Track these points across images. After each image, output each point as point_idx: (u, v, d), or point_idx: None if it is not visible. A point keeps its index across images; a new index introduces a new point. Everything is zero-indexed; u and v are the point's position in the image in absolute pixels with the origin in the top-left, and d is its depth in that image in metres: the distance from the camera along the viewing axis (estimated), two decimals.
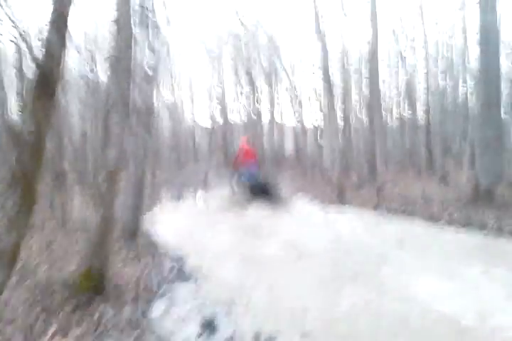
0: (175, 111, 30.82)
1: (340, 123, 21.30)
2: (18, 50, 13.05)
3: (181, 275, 5.79)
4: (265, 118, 30.10)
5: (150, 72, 8.34)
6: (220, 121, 29.04)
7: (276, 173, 17.07)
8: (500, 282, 5.13)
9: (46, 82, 3.16)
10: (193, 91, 32.82)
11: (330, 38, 23.47)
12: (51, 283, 4.52)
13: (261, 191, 12.61)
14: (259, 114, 28.37)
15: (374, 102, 15.67)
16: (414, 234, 7.97)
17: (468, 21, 19.31)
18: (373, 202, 11.06)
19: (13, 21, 4.86)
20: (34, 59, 3.24)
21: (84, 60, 17.75)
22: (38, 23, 11.47)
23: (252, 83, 27.74)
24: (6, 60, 14.47)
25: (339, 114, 22.37)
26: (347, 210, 10.93)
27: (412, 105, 20.69)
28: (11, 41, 12.61)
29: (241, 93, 29.45)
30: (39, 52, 3.29)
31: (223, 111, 28.95)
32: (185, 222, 10.50)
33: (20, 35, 9.90)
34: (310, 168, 20.32)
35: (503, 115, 12.09)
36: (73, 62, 20.18)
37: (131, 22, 5.47)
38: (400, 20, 23.19)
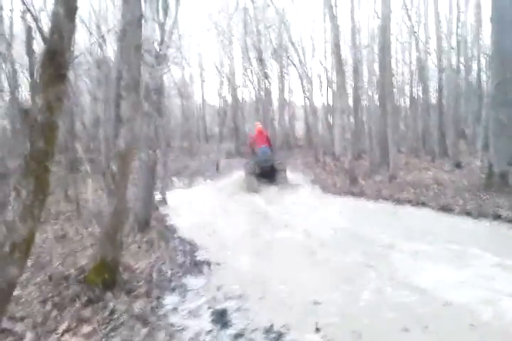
0: (185, 89, 30.55)
1: (351, 102, 21.02)
2: (28, 26, 12.81)
3: (193, 268, 5.76)
4: (275, 96, 29.77)
5: (160, 49, 8.18)
6: (230, 99, 28.72)
7: (285, 158, 17.41)
8: None
9: (55, 58, 3.04)
10: (203, 68, 32.51)
11: (341, 13, 22.97)
12: (63, 278, 4.51)
13: (270, 176, 13.42)
14: (268, 92, 28.00)
15: (385, 80, 15.34)
16: (426, 225, 7.88)
17: None
18: (386, 191, 10.94)
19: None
20: (41, 33, 3.13)
21: (93, 35, 17.47)
22: None
23: (260, 59, 27.30)
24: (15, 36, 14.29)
25: (350, 92, 22.06)
26: (358, 201, 10.83)
27: (424, 83, 20.29)
28: (21, 17, 12.38)
29: (250, 69, 29.04)
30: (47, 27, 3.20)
31: (232, 88, 28.57)
32: (197, 211, 10.50)
33: (28, 9, 9.78)
34: (322, 154, 20.17)
35: None
36: (82, 38, 20.03)
37: None
38: None
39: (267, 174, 13.50)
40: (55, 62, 3.04)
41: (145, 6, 8.26)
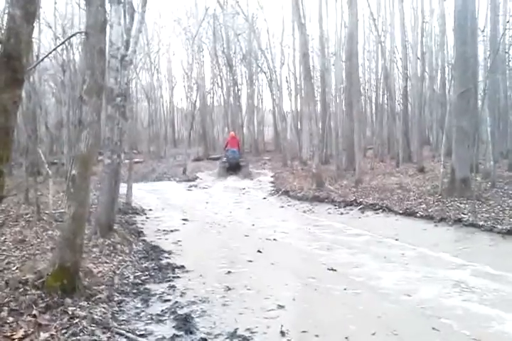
0: (153, 93, 30.29)
1: (319, 108, 21.22)
2: None
3: (157, 273, 5.67)
4: (244, 102, 29.84)
5: (126, 54, 8.06)
6: (199, 103, 28.71)
7: (248, 159, 21.96)
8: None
9: (10, 62, 2.94)
10: (172, 73, 32.36)
11: (310, 21, 23.26)
12: (20, 283, 4.35)
13: (236, 169, 18.96)
14: (237, 97, 28.05)
15: (352, 87, 15.57)
16: (386, 229, 8.06)
17: (447, 7, 19.26)
18: (351, 195, 11.06)
19: None
20: None
21: (59, 39, 17.15)
22: None
23: (230, 65, 27.34)
24: None
25: (318, 98, 22.29)
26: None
27: (390, 91, 20.65)
28: None
29: (219, 75, 29.06)
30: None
31: (202, 93, 28.52)
32: (161, 213, 10.42)
33: None
34: (290, 159, 20.45)
35: (479, 105, 12.11)
36: (46, 40, 19.67)
37: None
38: (378, 5, 23.07)
39: (234, 168, 18.94)
40: (10, 66, 2.95)
41: (110, 10, 8.15)
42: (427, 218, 8.39)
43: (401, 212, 9.02)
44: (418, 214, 8.66)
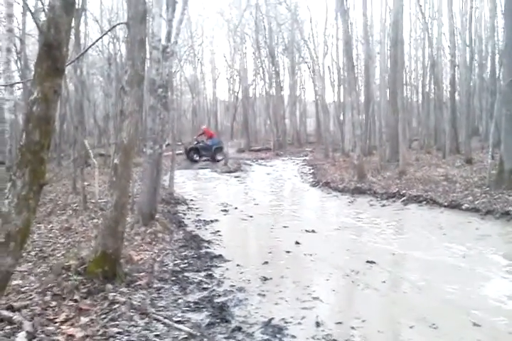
0: (196, 85, 30.59)
1: (363, 98, 20.86)
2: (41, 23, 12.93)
3: (196, 262, 5.74)
4: (286, 93, 29.68)
5: (167, 45, 8.14)
6: (241, 95, 28.75)
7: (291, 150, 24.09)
8: None
9: (51, 51, 3.03)
10: (215, 64, 32.57)
11: (353, 9, 22.80)
12: (64, 269, 4.52)
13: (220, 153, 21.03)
14: (279, 88, 27.92)
15: (396, 75, 15.18)
16: (429, 221, 7.87)
17: None
18: (394, 187, 10.81)
19: None
20: (38, 26, 3.12)
21: (103, 30, 17.58)
22: None
23: (272, 56, 27.20)
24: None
25: (361, 88, 21.88)
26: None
27: (437, 80, 20.01)
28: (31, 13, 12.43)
29: (261, 66, 28.99)
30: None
31: (244, 86, 28.53)
32: (202, 203, 10.54)
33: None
34: (332, 151, 20.28)
35: None
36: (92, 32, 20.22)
37: None
38: None
39: (219, 152, 20.85)
40: (51, 55, 3.03)
41: (153, 1, 8.24)
42: (472, 211, 8.10)
43: (446, 204, 8.74)
44: (464, 207, 8.37)
